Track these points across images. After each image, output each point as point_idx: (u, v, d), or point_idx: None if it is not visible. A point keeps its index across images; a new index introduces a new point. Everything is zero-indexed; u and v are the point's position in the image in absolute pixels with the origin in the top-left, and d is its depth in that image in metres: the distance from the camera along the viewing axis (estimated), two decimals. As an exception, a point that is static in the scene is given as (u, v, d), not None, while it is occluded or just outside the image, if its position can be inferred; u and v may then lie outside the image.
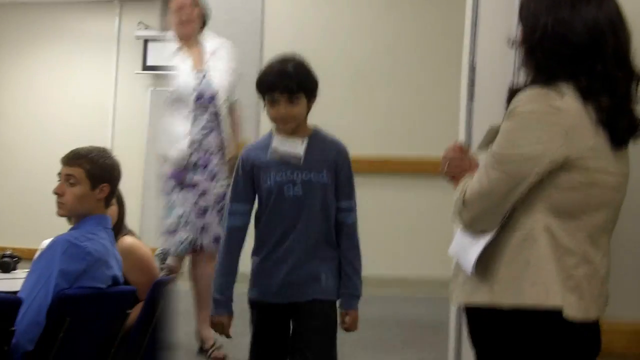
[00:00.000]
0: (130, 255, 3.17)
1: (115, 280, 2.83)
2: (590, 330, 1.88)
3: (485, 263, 1.88)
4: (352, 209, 2.78)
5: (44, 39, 6.61)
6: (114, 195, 2.96)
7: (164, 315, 3.11)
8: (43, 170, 6.33)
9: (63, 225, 3.05)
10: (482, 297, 1.88)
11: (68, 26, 6.58)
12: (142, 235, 5.15)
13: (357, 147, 3.29)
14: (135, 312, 3.04)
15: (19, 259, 4.27)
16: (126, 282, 3.05)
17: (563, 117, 1.80)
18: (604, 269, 1.89)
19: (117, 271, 2.84)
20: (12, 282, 3.67)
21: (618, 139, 1.84)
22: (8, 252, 4.23)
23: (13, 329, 2.35)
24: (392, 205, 5.82)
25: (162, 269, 4.72)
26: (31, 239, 5.63)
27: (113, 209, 3.18)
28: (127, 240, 3.26)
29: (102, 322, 2.84)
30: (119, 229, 3.28)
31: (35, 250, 4.05)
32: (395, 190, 5.76)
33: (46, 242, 2.91)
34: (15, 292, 2.58)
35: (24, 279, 2.68)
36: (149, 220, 6.07)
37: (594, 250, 1.86)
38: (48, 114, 6.51)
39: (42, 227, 5.48)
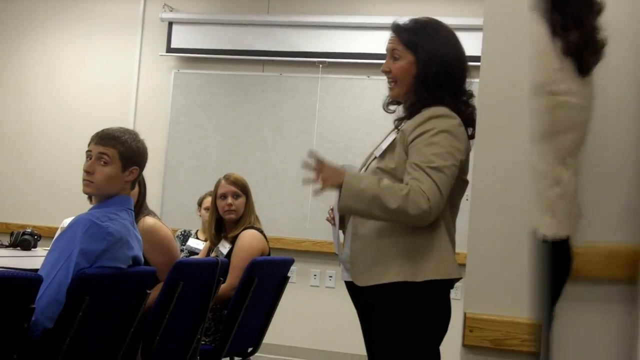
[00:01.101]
0: (151, 235, 3.17)
1: (135, 261, 2.82)
2: (561, 250, 1.93)
3: None
4: None
5: (68, 19, 6.60)
6: (138, 179, 2.97)
7: (183, 296, 3.10)
8: (65, 150, 6.36)
9: (83, 205, 3.04)
10: None
11: (92, 7, 6.57)
12: (163, 217, 5.17)
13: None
14: (155, 293, 3.04)
15: (39, 237, 4.29)
16: (146, 263, 3.04)
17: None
18: (572, 187, 1.94)
19: (137, 251, 2.83)
20: (32, 259, 3.68)
21: (583, 68, 1.88)
22: (28, 230, 4.25)
23: (33, 306, 2.34)
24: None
25: (182, 250, 4.73)
26: (51, 218, 5.68)
27: (134, 190, 3.17)
28: (149, 221, 3.26)
29: (122, 301, 2.84)
30: (140, 209, 3.27)
31: (56, 228, 4.07)
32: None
33: (67, 221, 2.90)
34: (35, 270, 2.58)
35: (44, 257, 2.68)
36: (170, 202, 6.08)
37: (564, 170, 1.90)
38: (70, 94, 6.51)
39: (63, 206, 5.51)
